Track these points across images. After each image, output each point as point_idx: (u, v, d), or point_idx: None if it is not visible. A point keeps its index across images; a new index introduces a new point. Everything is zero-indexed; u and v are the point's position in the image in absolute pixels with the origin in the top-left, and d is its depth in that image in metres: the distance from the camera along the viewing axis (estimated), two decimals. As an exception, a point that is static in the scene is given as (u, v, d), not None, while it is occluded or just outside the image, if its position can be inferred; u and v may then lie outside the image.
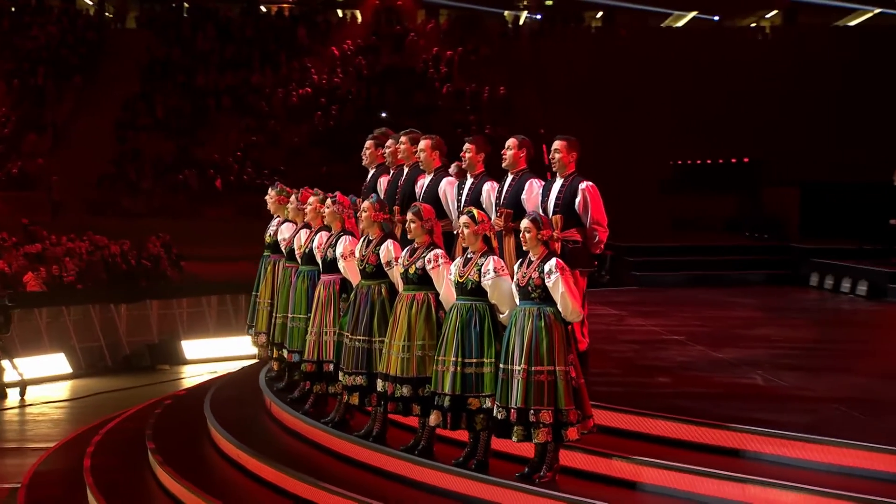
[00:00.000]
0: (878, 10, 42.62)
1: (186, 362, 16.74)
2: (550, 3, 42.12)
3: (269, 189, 11.23)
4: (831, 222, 19.94)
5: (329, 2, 42.68)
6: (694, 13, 43.89)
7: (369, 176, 10.86)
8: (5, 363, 15.14)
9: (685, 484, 7.64)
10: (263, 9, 42.24)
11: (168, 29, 39.61)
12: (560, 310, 7.41)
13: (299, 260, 9.88)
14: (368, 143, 10.79)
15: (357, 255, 8.67)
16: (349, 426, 9.17)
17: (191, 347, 16.92)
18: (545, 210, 8.46)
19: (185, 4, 41.09)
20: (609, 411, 8.21)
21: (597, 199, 8.48)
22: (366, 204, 8.63)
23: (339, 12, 43.08)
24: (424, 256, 8.03)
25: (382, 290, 8.54)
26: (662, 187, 28.73)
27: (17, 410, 14.57)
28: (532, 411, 7.37)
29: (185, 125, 35.81)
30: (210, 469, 10.48)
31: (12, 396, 14.94)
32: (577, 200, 8.47)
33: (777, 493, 7.39)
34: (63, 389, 15.45)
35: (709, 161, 26.81)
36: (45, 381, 15.43)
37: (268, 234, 11.07)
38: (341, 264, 8.91)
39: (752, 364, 11.14)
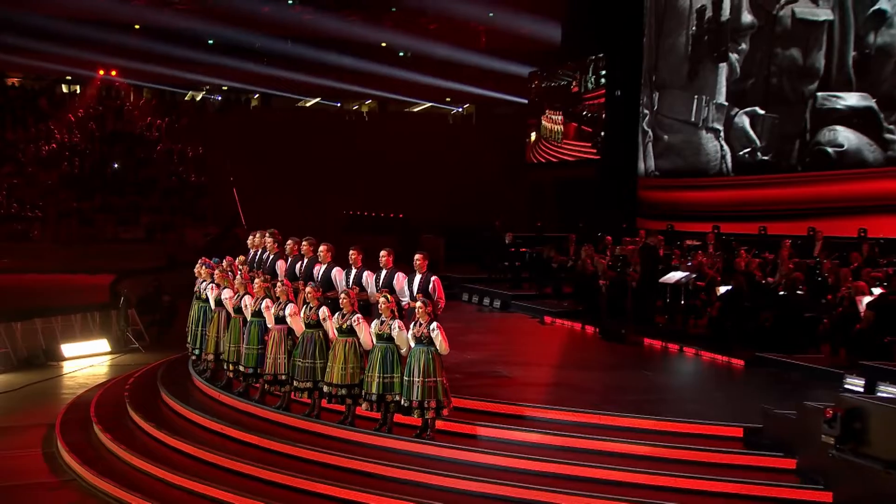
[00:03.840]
0: (427, 104, 45.52)
1: (66, 359, 16.85)
2: (226, 88, 42.71)
3: (202, 266, 12.21)
4: (466, 257, 21.65)
5: (59, 79, 41.34)
6: (318, 98, 44.63)
7: (266, 258, 12.06)
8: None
9: (503, 434, 9.57)
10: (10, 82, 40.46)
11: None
12: (437, 348, 9.39)
13: (247, 314, 11.00)
14: (269, 238, 12.08)
15: (302, 315, 10.26)
16: (291, 410, 10.58)
17: (67, 348, 17.10)
18: (411, 291, 10.35)
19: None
20: (454, 398, 9.65)
21: (440, 285, 10.49)
22: (308, 288, 10.27)
23: (66, 88, 41.85)
24: (351, 318, 9.80)
25: (320, 334, 10.14)
26: (344, 228, 29.21)
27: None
28: (426, 401, 9.28)
29: (-46, 170, 34.03)
30: (167, 418, 11.51)
31: None
32: (430, 286, 10.36)
33: (552, 438, 9.41)
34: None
35: (374, 213, 28.56)
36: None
37: (204, 294, 12.04)
38: (289, 320, 10.41)
39: (491, 362, 12.29)
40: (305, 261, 11.50)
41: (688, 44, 24.65)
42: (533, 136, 31.39)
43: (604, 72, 27.45)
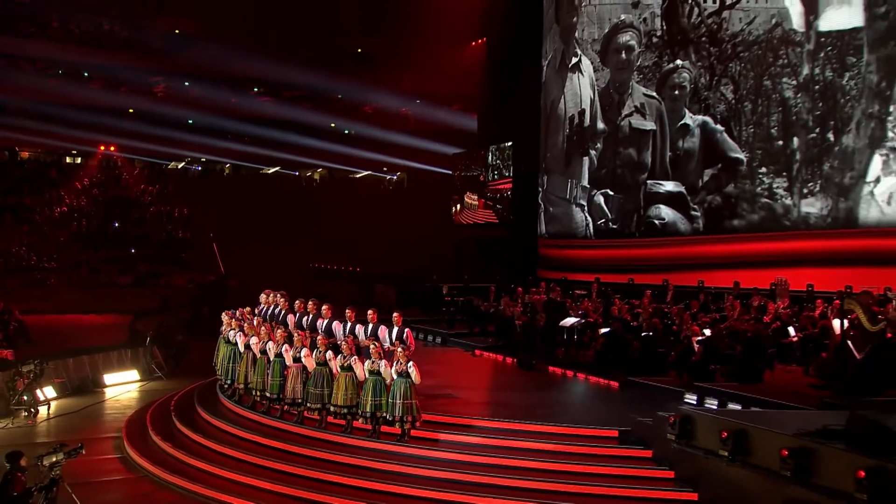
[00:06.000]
0: (367, 173, 47.03)
1: (107, 386, 17.76)
2: (204, 159, 43.52)
3: (231, 319, 13.48)
4: (412, 302, 22.69)
5: (65, 153, 41.88)
6: (278, 167, 45.76)
7: (278, 313, 13.42)
8: (38, 392, 15.48)
9: (460, 438, 10.65)
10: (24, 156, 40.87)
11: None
12: (413, 380, 10.72)
13: (271, 355, 12.29)
14: (280, 297, 13.52)
15: (313, 356, 11.74)
16: (304, 424, 11.95)
17: (108, 378, 17.99)
18: (391, 339, 11.77)
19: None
20: (425, 413, 10.90)
21: (411, 334, 12.01)
22: (319, 337, 11.83)
23: (70, 159, 42.35)
24: (350, 359, 11.33)
25: (326, 370, 11.51)
26: (310, 277, 30.15)
27: (48, 421, 14.91)
28: (404, 417, 10.63)
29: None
30: (207, 429, 12.70)
31: (42, 412, 15.24)
32: (405, 335, 11.77)
33: (490, 440, 10.48)
34: (60, 405, 15.86)
35: (333, 266, 29.76)
36: (49, 401, 15.77)
37: (233, 339, 13.24)
38: (304, 360, 11.82)
39: (442, 386, 12.87)
40: (310, 316, 13.02)
41: (564, 141, 27.58)
42: (458, 206, 33.60)
43: (496, 172, 30.03)
